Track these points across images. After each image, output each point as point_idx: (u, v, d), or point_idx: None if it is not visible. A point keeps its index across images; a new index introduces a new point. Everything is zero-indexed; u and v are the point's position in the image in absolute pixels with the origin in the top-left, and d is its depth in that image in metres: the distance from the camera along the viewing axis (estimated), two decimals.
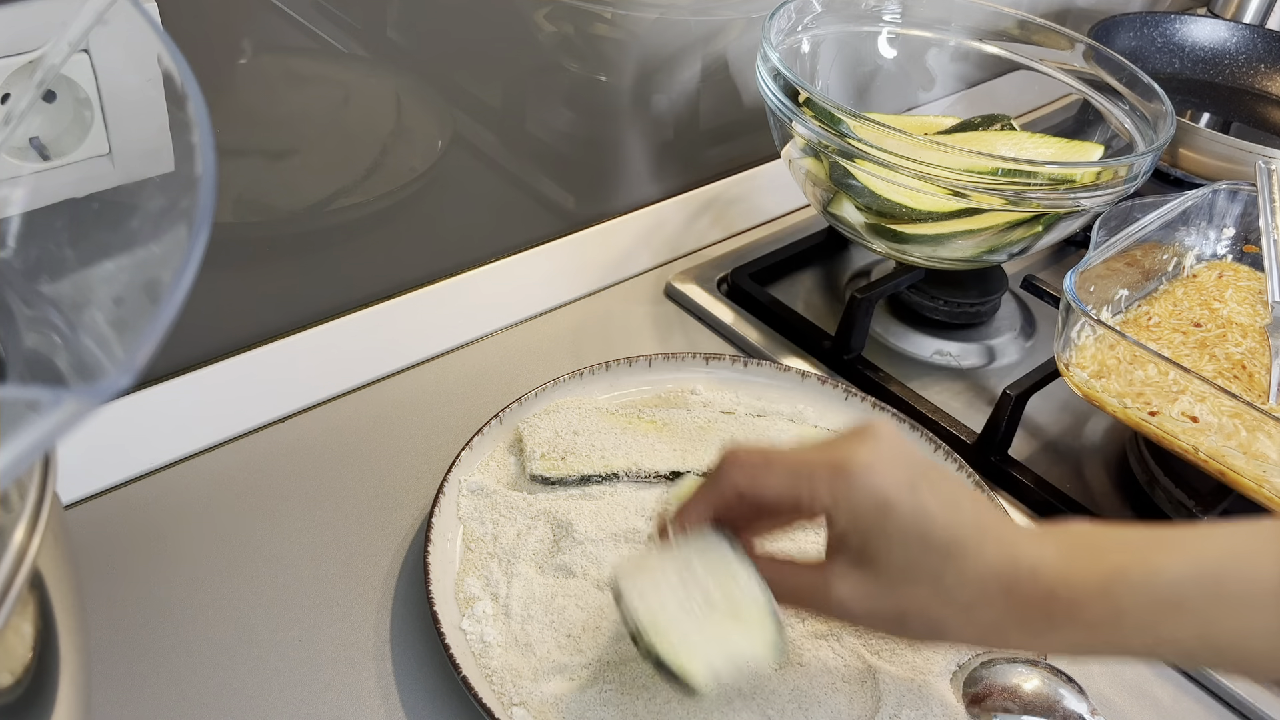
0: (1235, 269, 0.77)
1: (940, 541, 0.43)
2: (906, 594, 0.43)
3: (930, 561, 0.43)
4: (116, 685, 0.50)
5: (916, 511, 0.43)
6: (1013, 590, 0.42)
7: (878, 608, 0.44)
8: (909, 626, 0.44)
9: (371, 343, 0.70)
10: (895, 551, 0.43)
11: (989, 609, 0.42)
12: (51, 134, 0.47)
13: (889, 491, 0.43)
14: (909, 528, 0.43)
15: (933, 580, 0.43)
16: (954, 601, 0.43)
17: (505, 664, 0.51)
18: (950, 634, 0.44)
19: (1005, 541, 0.43)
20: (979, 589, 0.42)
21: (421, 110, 0.69)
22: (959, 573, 0.42)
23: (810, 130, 0.68)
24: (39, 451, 0.23)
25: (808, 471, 0.44)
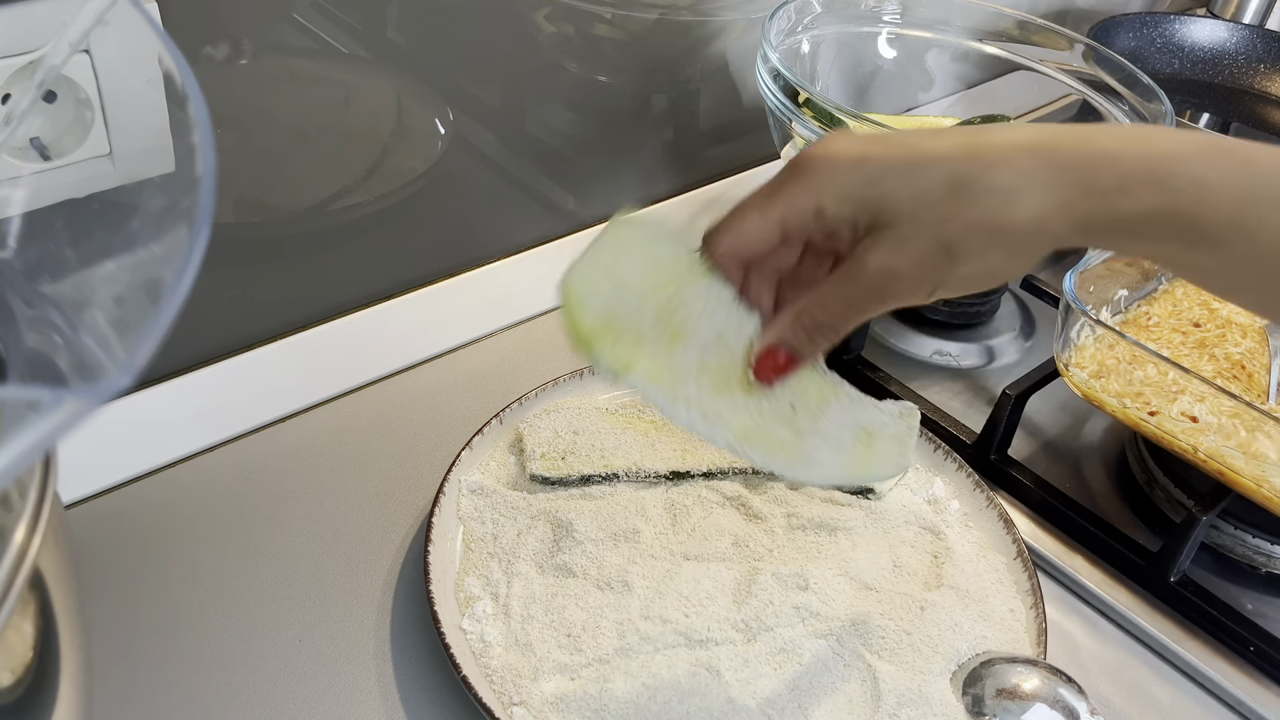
0: None
1: (942, 150, 0.37)
2: (936, 218, 0.37)
3: (940, 173, 0.37)
4: (117, 685, 0.50)
5: (898, 146, 0.38)
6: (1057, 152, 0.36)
7: (919, 254, 0.38)
8: (961, 253, 0.38)
9: (372, 343, 0.70)
10: (901, 191, 0.37)
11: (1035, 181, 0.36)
12: (52, 134, 0.47)
13: (855, 149, 0.38)
14: (899, 161, 0.38)
15: (953, 191, 0.37)
16: (992, 190, 0.36)
17: (505, 664, 0.51)
18: (1003, 238, 0.37)
19: (1036, 125, 0.37)
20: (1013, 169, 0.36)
21: (422, 110, 0.69)
22: (981, 162, 0.37)
23: (810, 130, 0.68)
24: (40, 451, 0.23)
25: (776, 187, 0.40)
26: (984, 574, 0.58)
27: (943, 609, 0.55)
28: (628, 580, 0.54)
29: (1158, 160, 0.36)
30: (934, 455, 0.65)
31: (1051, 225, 0.37)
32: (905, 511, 0.61)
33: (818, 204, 0.39)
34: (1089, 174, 0.36)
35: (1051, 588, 0.62)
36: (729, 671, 0.51)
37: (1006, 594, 0.58)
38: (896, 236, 0.38)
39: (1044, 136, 0.37)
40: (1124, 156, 0.36)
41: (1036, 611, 0.56)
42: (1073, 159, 0.37)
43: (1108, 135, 0.37)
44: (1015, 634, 0.55)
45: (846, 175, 0.38)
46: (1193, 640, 0.59)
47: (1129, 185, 0.36)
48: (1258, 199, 0.35)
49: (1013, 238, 0.38)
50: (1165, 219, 0.36)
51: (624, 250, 0.44)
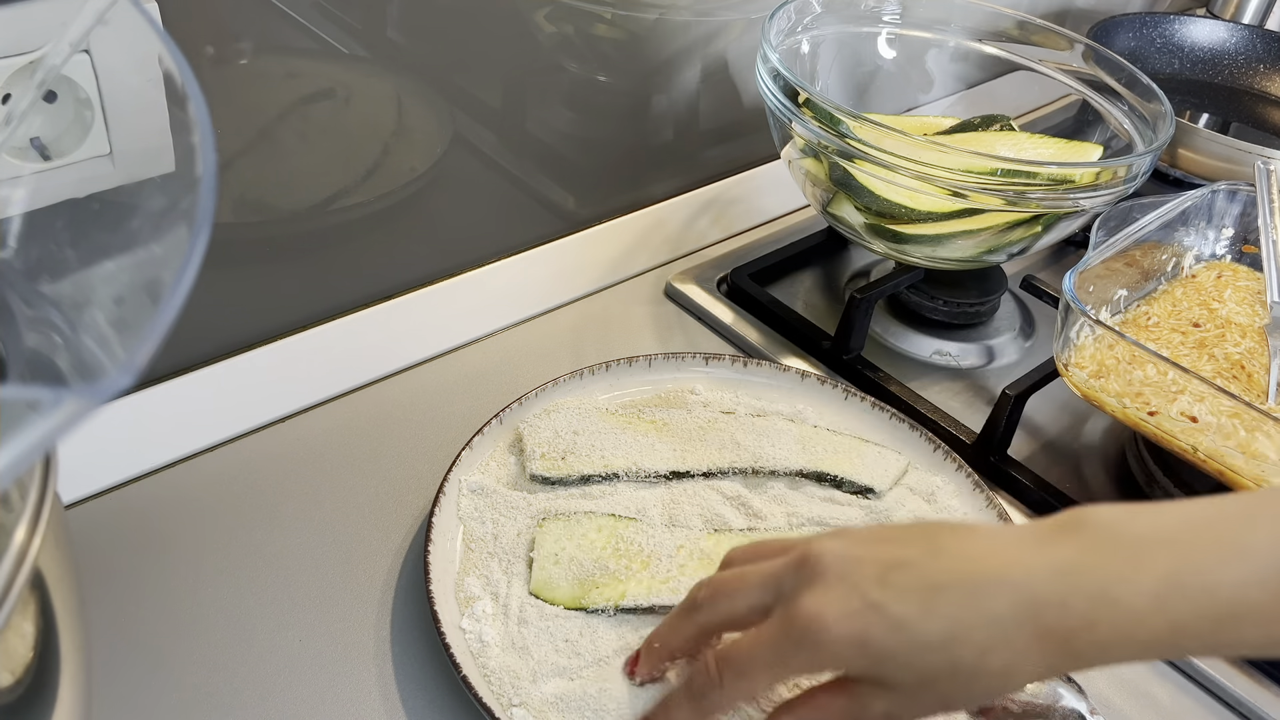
0: (1234, 269, 0.77)
1: (936, 636, 0.40)
2: (936, 691, 0.41)
3: (938, 657, 0.40)
4: (117, 685, 0.50)
5: (892, 628, 0.40)
6: (1045, 633, 0.39)
7: (919, 706, 0.41)
8: (956, 702, 0.42)
9: (372, 343, 0.70)
10: (899, 671, 0.40)
11: (1028, 660, 0.40)
12: (52, 134, 0.47)
13: (854, 632, 0.40)
14: (896, 648, 0.40)
15: (952, 669, 0.40)
16: (987, 673, 0.40)
17: (503, 664, 0.51)
18: (998, 692, 0.42)
19: (1011, 584, 0.40)
20: (1009, 651, 0.39)
21: (422, 110, 0.69)
22: (977, 648, 0.39)
23: (810, 131, 0.68)
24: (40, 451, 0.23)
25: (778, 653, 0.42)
26: None
27: None
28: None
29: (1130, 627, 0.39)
30: (933, 455, 0.65)
31: (1040, 678, 0.42)
32: (905, 511, 0.61)
33: (814, 668, 0.42)
34: (1071, 646, 0.39)
35: None
36: None
37: None
38: (899, 699, 0.41)
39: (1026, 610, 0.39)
40: (1098, 626, 0.39)
41: None
42: (1056, 634, 0.39)
43: (1081, 600, 0.39)
44: None
45: (848, 654, 0.41)
46: None
47: (1109, 651, 0.39)
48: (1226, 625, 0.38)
49: (1004, 690, 0.42)
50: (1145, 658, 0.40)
51: (558, 541, 0.55)
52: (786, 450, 0.62)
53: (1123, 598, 0.39)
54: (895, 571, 0.41)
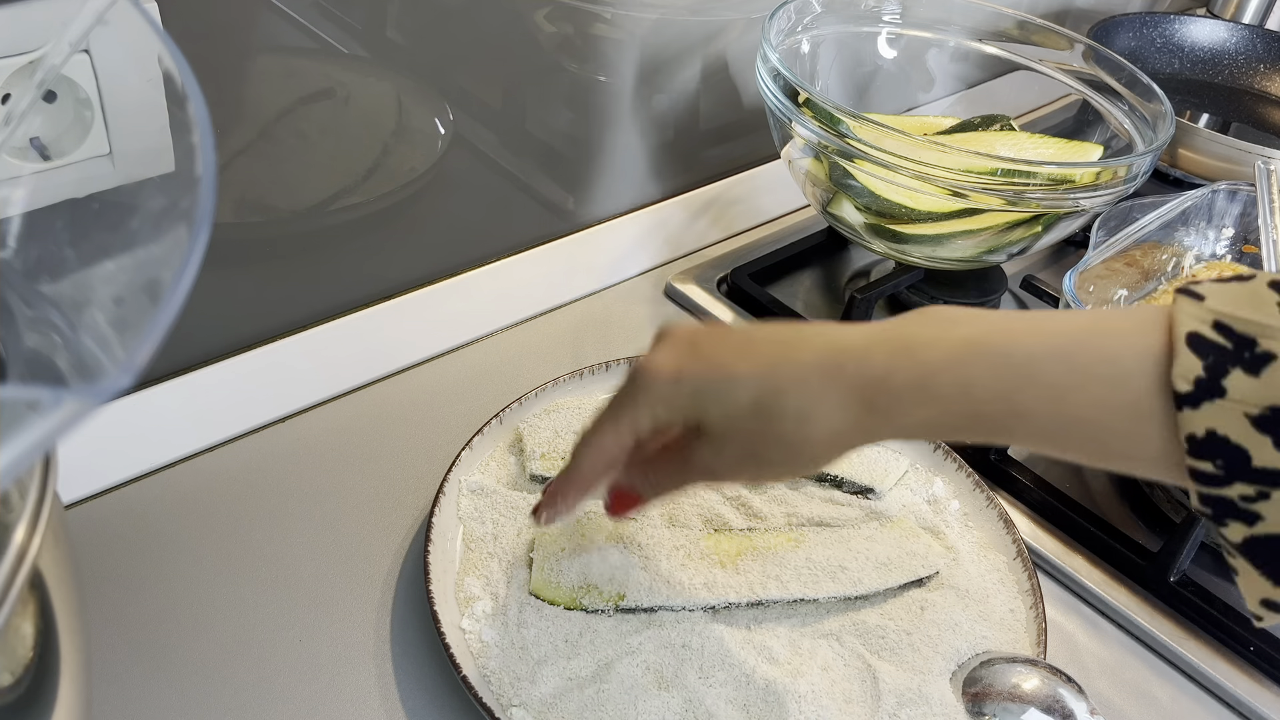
0: (1234, 269, 0.77)
1: (745, 370, 0.42)
2: (743, 432, 0.43)
3: (742, 393, 0.42)
4: (117, 685, 0.50)
5: (709, 364, 0.43)
6: (839, 373, 0.41)
7: (733, 458, 0.44)
8: (767, 460, 0.43)
9: (372, 343, 0.70)
10: (713, 408, 0.43)
11: (825, 406, 0.41)
12: (52, 134, 0.47)
13: (672, 365, 0.43)
14: (707, 379, 0.43)
15: (755, 408, 0.42)
16: (787, 416, 0.41)
17: (503, 664, 0.51)
18: (804, 450, 0.42)
19: (825, 336, 0.42)
20: (805, 393, 0.41)
21: (422, 110, 0.69)
22: (777, 388, 0.41)
23: (810, 131, 0.68)
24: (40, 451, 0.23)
25: (618, 406, 0.46)
26: (984, 574, 0.58)
27: (942, 609, 0.55)
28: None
29: (923, 377, 0.40)
30: (934, 455, 0.65)
31: (845, 438, 0.42)
32: (905, 511, 0.61)
33: (652, 414, 0.45)
34: (867, 395, 0.41)
35: (1051, 588, 0.62)
36: (726, 668, 0.51)
37: (1006, 594, 0.58)
38: (713, 444, 0.44)
39: (830, 355, 0.42)
40: (894, 375, 0.40)
41: (1036, 611, 0.56)
42: (854, 381, 0.41)
43: (883, 351, 0.41)
44: (1015, 634, 0.55)
45: (668, 391, 0.44)
46: (1193, 640, 0.59)
47: (903, 403, 0.40)
48: (1022, 388, 0.39)
49: (809, 449, 0.43)
50: (945, 422, 0.40)
51: (557, 541, 0.56)
52: None
53: (920, 352, 0.40)
54: (719, 332, 0.45)
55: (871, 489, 0.62)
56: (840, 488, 0.62)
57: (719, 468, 0.45)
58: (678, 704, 0.49)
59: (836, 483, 0.62)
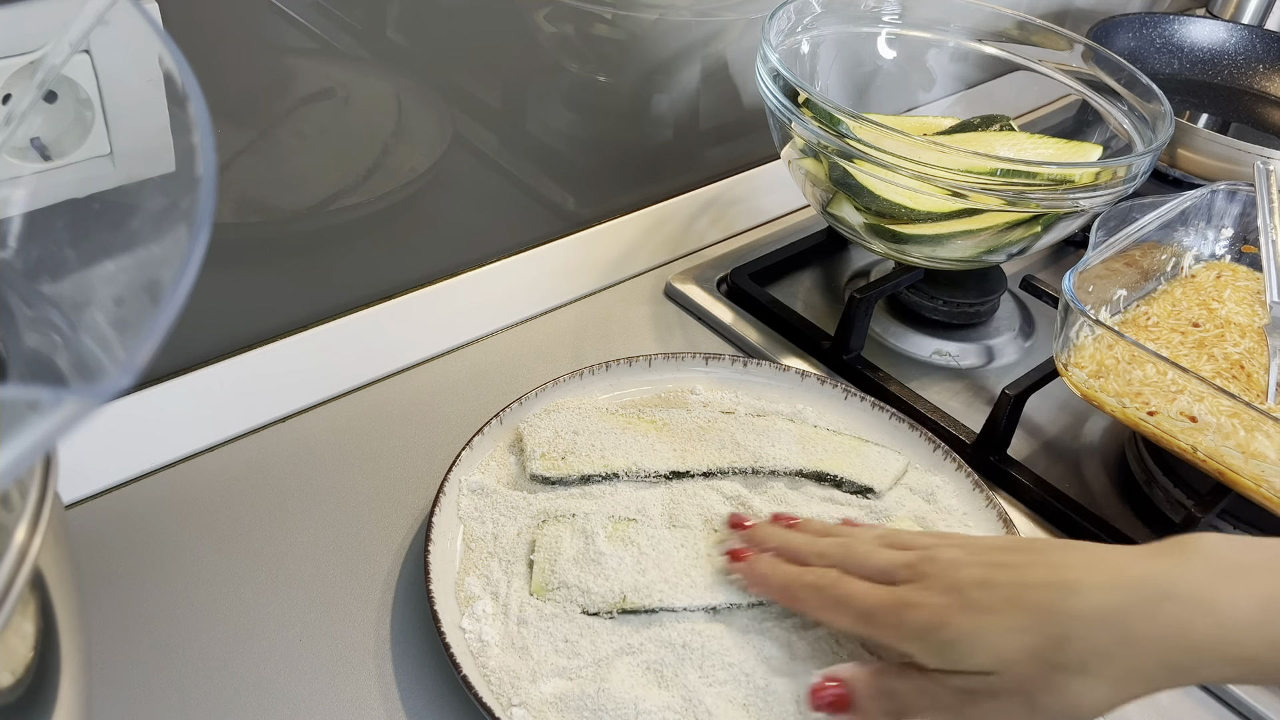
0: (1234, 269, 0.77)
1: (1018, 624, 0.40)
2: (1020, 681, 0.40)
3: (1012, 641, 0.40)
4: (117, 684, 0.51)
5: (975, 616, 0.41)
6: (1131, 629, 0.38)
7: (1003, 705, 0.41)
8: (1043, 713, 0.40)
9: (372, 343, 0.70)
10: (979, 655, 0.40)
11: (1110, 661, 0.38)
12: (52, 134, 0.47)
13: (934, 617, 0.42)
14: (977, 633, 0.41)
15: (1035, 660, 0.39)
16: (1063, 668, 0.39)
17: (503, 664, 0.51)
18: (1084, 700, 0.39)
19: (1102, 586, 0.39)
20: (1086, 647, 0.38)
21: (422, 110, 0.69)
22: (1054, 640, 0.39)
23: (810, 131, 0.68)
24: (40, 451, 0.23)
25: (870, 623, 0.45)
26: None
27: None
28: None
29: (1227, 638, 0.38)
30: (933, 455, 0.65)
31: (1129, 698, 0.40)
32: (905, 511, 0.61)
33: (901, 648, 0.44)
34: (1165, 655, 0.38)
35: None
36: (726, 667, 0.51)
37: None
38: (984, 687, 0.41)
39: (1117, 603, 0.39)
40: (1195, 633, 0.38)
41: None
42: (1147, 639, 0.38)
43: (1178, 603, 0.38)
44: None
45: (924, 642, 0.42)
46: None
47: (1205, 661, 0.38)
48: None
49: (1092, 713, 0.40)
50: (1249, 677, 0.39)
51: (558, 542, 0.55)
52: (786, 450, 0.63)
53: (1220, 607, 0.38)
54: (994, 571, 0.42)
55: (871, 488, 0.62)
56: (840, 487, 0.62)
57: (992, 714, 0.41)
58: (678, 703, 0.49)
59: (836, 482, 0.62)
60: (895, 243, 0.73)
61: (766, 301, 0.78)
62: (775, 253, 0.83)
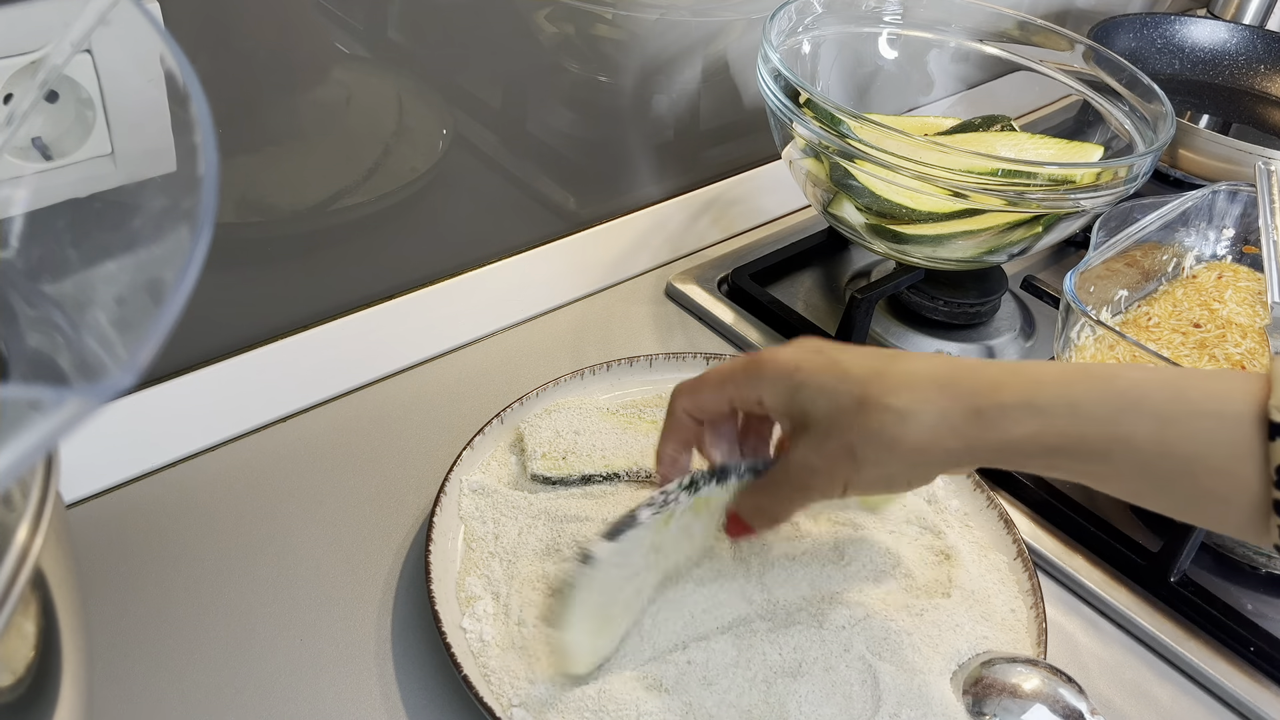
0: (1235, 270, 0.77)
1: (859, 372, 0.44)
2: (844, 426, 0.44)
3: (852, 389, 0.44)
4: (118, 684, 0.51)
5: (828, 361, 0.45)
6: (952, 383, 0.42)
7: (830, 453, 0.45)
8: (863, 459, 0.44)
9: (373, 342, 0.70)
10: (819, 400, 0.45)
11: (930, 406, 0.42)
12: (54, 134, 0.47)
13: (794, 358, 0.46)
14: (822, 374, 0.45)
15: (859, 405, 0.44)
16: (888, 409, 0.43)
17: (504, 664, 0.51)
18: (899, 449, 0.43)
19: (938, 357, 0.45)
20: (912, 395, 0.43)
21: (423, 110, 0.69)
22: (884, 386, 0.43)
23: (811, 131, 0.68)
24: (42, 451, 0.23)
25: (730, 374, 0.48)
26: (984, 574, 0.58)
27: (943, 609, 0.55)
28: None
29: (1034, 389, 0.42)
30: None
31: (944, 445, 0.43)
32: (905, 511, 0.61)
33: (759, 396, 0.48)
34: (976, 402, 0.42)
35: (1052, 588, 0.62)
36: (728, 671, 0.51)
37: (1007, 594, 0.58)
38: (814, 438, 0.46)
39: (946, 369, 0.44)
40: (1004, 388, 0.42)
41: (1037, 611, 0.56)
42: (962, 389, 0.43)
43: (997, 368, 0.43)
44: (1016, 634, 0.55)
45: (781, 379, 0.47)
46: (1193, 640, 0.59)
47: (1010, 412, 0.42)
48: (1128, 412, 0.40)
49: (907, 452, 0.43)
50: (1047, 441, 0.41)
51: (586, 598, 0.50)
52: None
53: (1032, 369, 0.42)
54: (845, 344, 0.48)
55: None
56: None
57: (817, 463, 0.45)
58: (678, 704, 0.49)
59: None
60: (896, 243, 0.73)
61: (767, 302, 0.78)
62: (776, 253, 0.83)
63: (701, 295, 0.79)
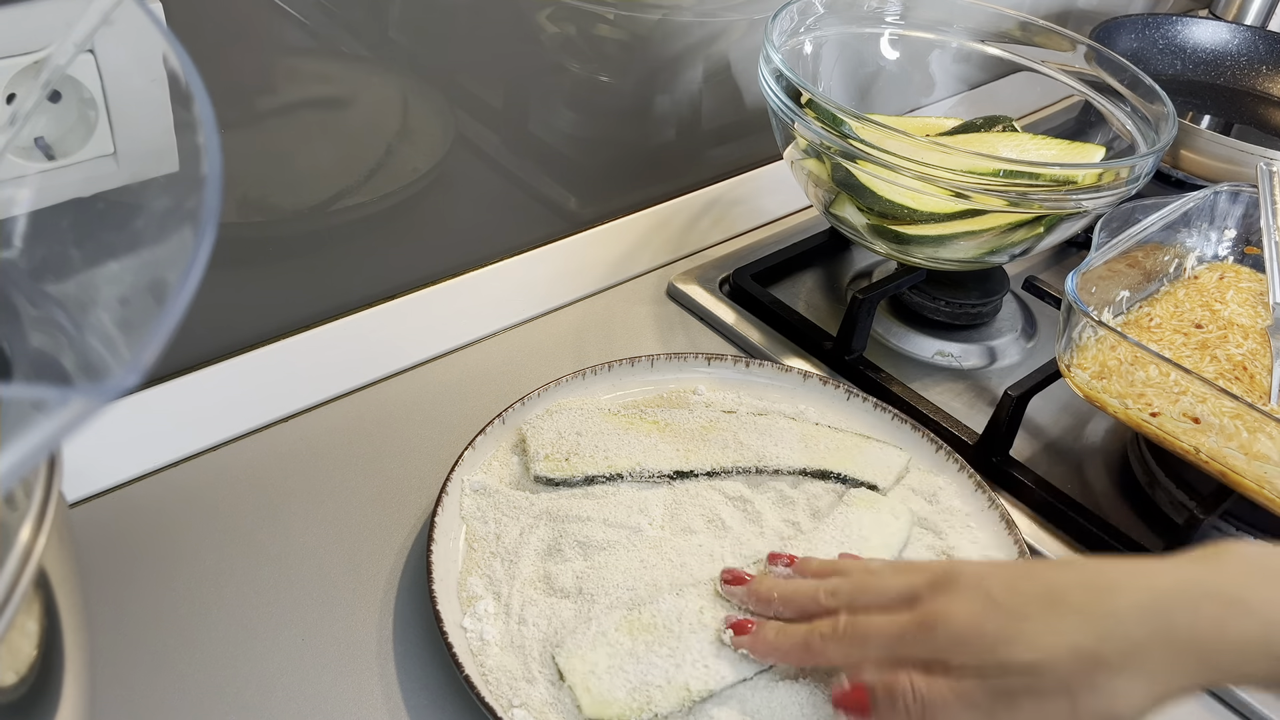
0: (1236, 270, 0.77)
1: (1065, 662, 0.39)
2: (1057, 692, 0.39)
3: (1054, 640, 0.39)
4: (120, 683, 0.51)
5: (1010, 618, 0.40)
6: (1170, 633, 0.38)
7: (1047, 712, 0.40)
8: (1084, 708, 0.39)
9: (374, 342, 0.70)
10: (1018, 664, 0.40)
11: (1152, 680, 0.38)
12: (57, 134, 0.47)
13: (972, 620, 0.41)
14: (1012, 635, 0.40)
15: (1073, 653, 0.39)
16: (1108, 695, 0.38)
17: (504, 664, 0.51)
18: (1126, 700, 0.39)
19: (1139, 587, 0.39)
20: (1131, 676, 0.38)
21: (425, 111, 0.69)
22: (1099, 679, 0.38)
23: (812, 131, 0.68)
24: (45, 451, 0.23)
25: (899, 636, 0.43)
26: None
27: None
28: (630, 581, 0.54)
29: (1267, 634, 0.38)
30: (935, 455, 0.65)
31: (1170, 695, 0.40)
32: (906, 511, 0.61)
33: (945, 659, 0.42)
34: (1204, 656, 0.38)
35: None
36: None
37: None
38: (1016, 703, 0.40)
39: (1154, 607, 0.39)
40: (1230, 629, 0.38)
41: None
42: (1188, 641, 0.39)
43: (1214, 604, 0.39)
44: None
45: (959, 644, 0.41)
46: None
47: (1246, 658, 0.38)
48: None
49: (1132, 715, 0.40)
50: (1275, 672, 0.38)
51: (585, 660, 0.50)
52: (789, 449, 0.63)
53: (1259, 606, 0.38)
54: (1022, 580, 0.42)
55: (875, 485, 0.62)
56: (844, 484, 0.62)
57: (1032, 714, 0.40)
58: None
59: (840, 479, 0.62)
60: (898, 243, 0.73)
61: (769, 302, 0.78)
62: (777, 253, 0.83)
63: (703, 295, 0.79)
